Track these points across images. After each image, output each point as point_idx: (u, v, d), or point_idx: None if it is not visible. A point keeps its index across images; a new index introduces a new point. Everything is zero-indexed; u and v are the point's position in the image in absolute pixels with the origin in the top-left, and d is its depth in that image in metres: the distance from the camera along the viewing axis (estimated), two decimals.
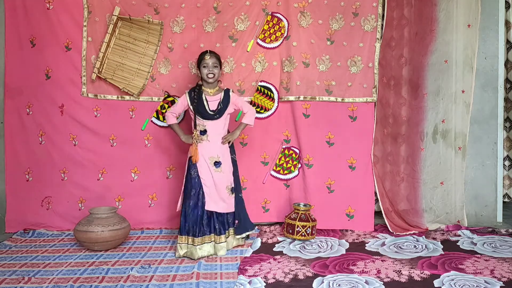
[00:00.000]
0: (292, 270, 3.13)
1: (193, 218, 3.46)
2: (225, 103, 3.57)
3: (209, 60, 3.52)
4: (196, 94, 3.56)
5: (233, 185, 3.64)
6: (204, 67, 3.53)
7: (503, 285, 2.85)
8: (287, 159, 4.21)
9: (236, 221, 3.67)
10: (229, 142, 3.62)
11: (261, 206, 4.22)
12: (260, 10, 4.14)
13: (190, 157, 3.53)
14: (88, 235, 3.54)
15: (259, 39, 4.15)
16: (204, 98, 3.54)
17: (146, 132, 4.18)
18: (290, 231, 3.79)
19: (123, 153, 4.18)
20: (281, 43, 4.15)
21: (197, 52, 3.74)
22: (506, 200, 4.62)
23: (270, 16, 4.14)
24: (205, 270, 3.18)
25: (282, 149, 4.21)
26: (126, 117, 4.18)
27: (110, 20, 4.06)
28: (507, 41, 4.42)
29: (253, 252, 3.52)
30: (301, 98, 4.13)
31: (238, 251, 3.58)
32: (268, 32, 4.15)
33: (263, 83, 4.16)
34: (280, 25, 4.14)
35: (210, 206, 3.49)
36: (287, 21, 4.13)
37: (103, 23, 4.11)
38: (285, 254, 3.48)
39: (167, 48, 4.16)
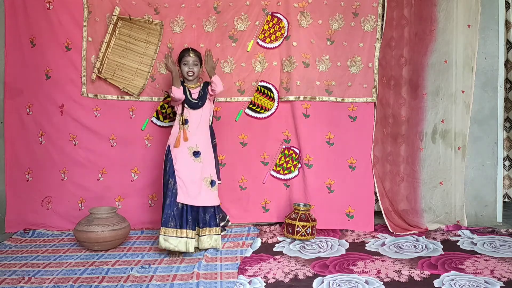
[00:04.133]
0: (292, 270, 3.13)
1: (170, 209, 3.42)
2: (204, 89, 3.61)
3: (189, 58, 3.56)
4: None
5: (214, 178, 3.58)
6: (185, 64, 3.58)
7: (503, 285, 2.85)
8: (287, 159, 4.21)
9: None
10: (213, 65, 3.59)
11: (261, 206, 4.22)
12: (260, 10, 4.14)
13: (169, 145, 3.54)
14: (88, 235, 3.54)
15: (259, 39, 4.15)
16: (187, 89, 3.57)
17: (146, 132, 4.18)
18: (290, 231, 3.79)
19: (123, 153, 4.17)
20: (281, 43, 4.15)
21: None
22: (506, 200, 4.61)
23: (270, 16, 4.14)
24: (205, 270, 3.17)
25: (282, 149, 4.21)
26: (126, 117, 4.18)
27: (110, 20, 4.06)
28: (507, 41, 4.41)
29: (253, 252, 3.52)
30: (301, 98, 4.13)
31: (238, 251, 3.58)
32: (268, 32, 4.15)
33: (263, 83, 4.17)
34: (280, 25, 4.14)
35: (181, 198, 3.43)
36: (287, 21, 4.13)
37: (103, 23, 4.11)
38: (285, 254, 3.48)
39: (167, 48, 4.15)
